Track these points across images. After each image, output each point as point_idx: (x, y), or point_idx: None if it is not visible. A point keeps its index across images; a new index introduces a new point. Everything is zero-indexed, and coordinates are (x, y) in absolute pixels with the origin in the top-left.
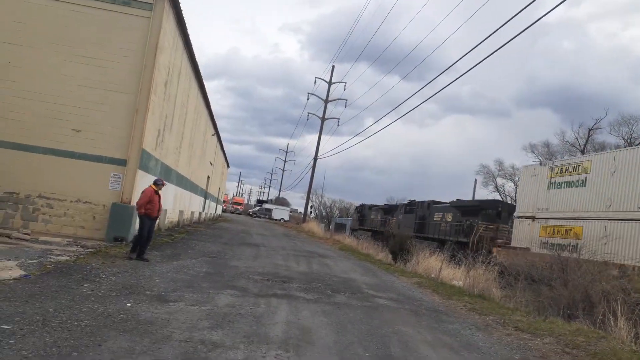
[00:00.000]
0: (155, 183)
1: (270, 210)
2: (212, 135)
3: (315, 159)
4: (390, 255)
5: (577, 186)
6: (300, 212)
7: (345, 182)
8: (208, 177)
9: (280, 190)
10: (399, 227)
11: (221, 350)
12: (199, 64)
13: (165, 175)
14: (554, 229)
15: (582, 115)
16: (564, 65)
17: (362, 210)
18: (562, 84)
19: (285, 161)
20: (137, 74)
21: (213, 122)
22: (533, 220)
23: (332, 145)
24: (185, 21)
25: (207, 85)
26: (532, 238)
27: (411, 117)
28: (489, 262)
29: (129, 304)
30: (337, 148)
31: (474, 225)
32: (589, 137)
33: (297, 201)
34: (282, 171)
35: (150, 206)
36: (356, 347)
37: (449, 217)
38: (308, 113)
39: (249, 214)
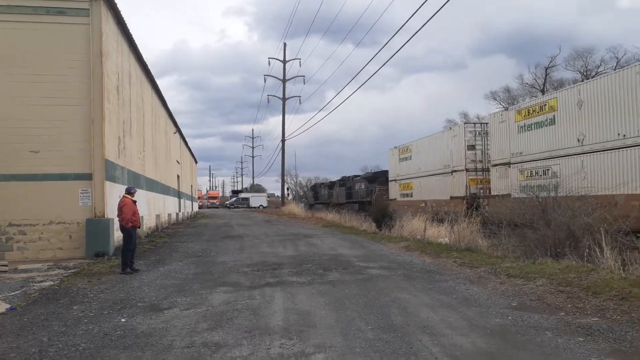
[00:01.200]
0: (128, 192)
1: (246, 199)
2: (174, 133)
3: (283, 140)
4: (374, 224)
5: (546, 125)
6: (278, 196)
7: (318, 158)
8: (178, 176)
9: (253, 178)
10: (337, 198)
11: (225, 349)
12: (147, 63)
13: (134, 181)
14: (531, 171)
15: (537, 56)
16: (515, 8)
17: (315, 188)
18: (515, 28)
19: (253, 147)
20: (86, 84)
21: (173, 120)
22: (509, 166)
23: (297, 124)
24: (126, 21)
25: (160, 83)
26: (512, 184)
27: (371, 84)
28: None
29: (123, 320)
30: (303, 126)
31: (373, 189)
32: (546, 75)
33: (272, 185)
34: (251, 158)
35: (134, 217)
36: (357, 322)
37: (362, 186)
38: (268, 95)
39: (226, 206)
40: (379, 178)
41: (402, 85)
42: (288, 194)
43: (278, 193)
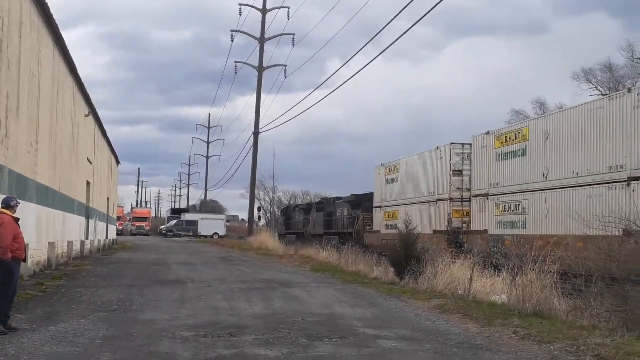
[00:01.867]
0: (7, 205)
1: (193, 223)
2: (86, 115)
3: (256, 133)
4: (391, 270)
5: (519, 156)
6: (244, 220)
7: (311, 163)
8: (88, 183)
9: (206, 190)
10: (313, 226)
11: None
12: (50, 6)
13: (18, 189)
14: (505, 206)
15: None
16: None
17: (287, 212)
18: None
19: (208, 143)
20: None
21: (85, 95)
22: (487, 198)
23: (281, 109)
24: None
25: (67, 37)
26: (488, 218)
27: (398, 50)
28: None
29: None
30: (289, 112)
31: (355, 216)
32: None
33: (236, 203)
34: (205, 159)
35: (16, 244)
36: None
37: (345, 212)
38: (235, 62)
39: (161, 233)
40: (364, 203)
41: (445, 53)
42: (259, 217)
43: (243, 215)
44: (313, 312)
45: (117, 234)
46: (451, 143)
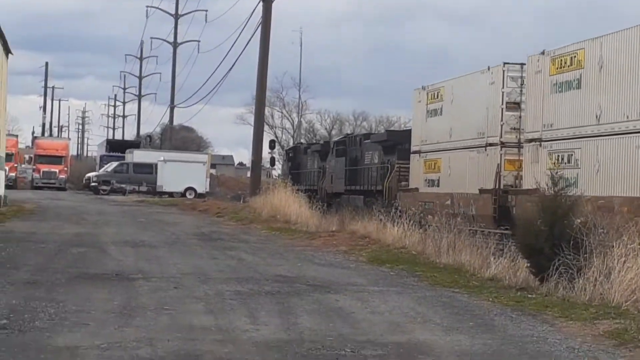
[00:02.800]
0: None
1: (149, 169)
2: None
3: None
4: (522, 264)
5: (574, 88)
6: (243, 165)
7: (370, 61)
8: None
9: (172, 106)
10: (331, 179)
11: None
12: None
13: None
14: (559, 156)
15: None
16: None
17: (295, 156)
18: None
19: (177, 15)
20: None
21: None
22: (540, 145)
23: None
24: None
25: None
26: (540, 172)
27: None
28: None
29: None
30: None
31: (388, 166)
32: None
33: (228, 133)
34: (171, 47)
35: None
36: None
37: (376, 157)
38: None
39: (88, 186)
40: (402, 144)
41: None
42: (274, 160)
43: (243, 157)
44: (373, 339)
45: (8, 187)
46: (504, 63)
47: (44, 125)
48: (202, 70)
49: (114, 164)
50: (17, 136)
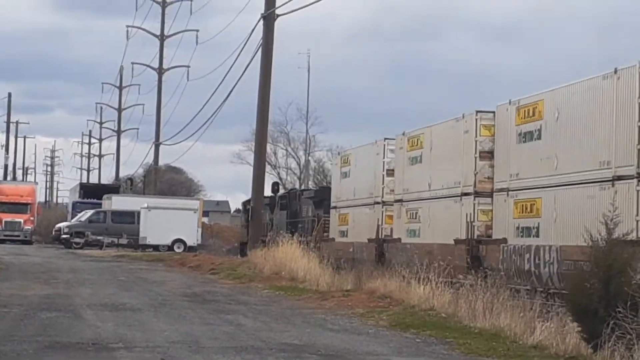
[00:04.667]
0: None
1: (130, 217)
2: None
3: (270, 15)
4: (575, 327)
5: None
6: (240, 213)
7: (391, 82)
8: None
9: (157, 144)
10: (276, 227)
11: None
12: None
13: None
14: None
15: None
16: None
17: (248, 208)
18: None
19: (162, 37)
20: None
21: None
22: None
23: None
24: None
25: None
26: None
27: None
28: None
29: None
30: None
31: (315, 219)
32: None
33: (224, 175)
34: (156, 73)
35: None
36: None
37: (310, 211)
38: None
39: (58, 239)
40: (327, 200)
41: None
42: (276, 205)
43: (239, 202)
44: None
45: None
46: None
47: (6, 167)
48: (192, 101)
49: (89, 213)
50: None
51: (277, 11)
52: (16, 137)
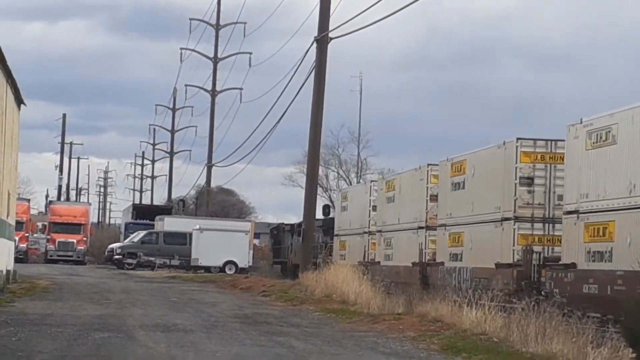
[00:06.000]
0: None
1: (182, 239)
2: None
3: (324, 37)
4: (629, 353)
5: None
6: (292, 229)
7: (443, 107)
8: None
9: (209, 166)
10: (295, 254)
11: None
12: None
13: None
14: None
15: None
16: None
17: (276, 233)
18: None
19: (216, 59)
20: None
21: None
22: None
23: None
24: None
25: None
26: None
27: None
28: None
29: None
30: None
31: (323, 244)
32: None
33: (275, 196)
34: (209, 95)
35: None
36: None
37: (320, 238)
38: None
39: (110, 259)
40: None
41: None
42: (293, 229)
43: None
44: None
45: (18, 260)
46: (518, 139)
47: (60, 187)
48: (244, 124)
49: (141, 234)
50: (29, 200)
51: (331, 34)
52: (70, 157)
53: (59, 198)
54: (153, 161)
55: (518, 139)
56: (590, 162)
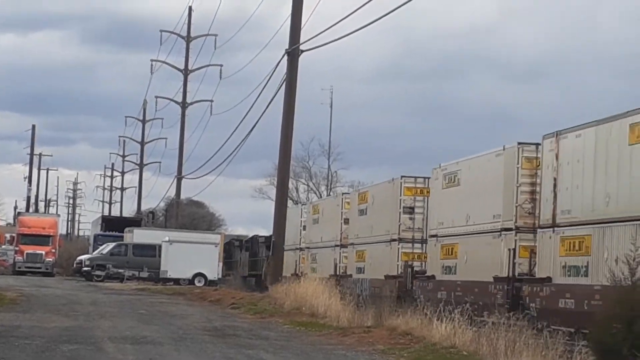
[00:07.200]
0: None
1: (151, 251)
2: None
3: (294, 50)
4: None
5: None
6: (267, 242)
7: (416, 119)
8: None
9: (179, 177)
10: (242, 267)
11: None
12: None
13: None
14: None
15: None
16: None
17: (229, 247)
18: None
19: (186, 71)
20: None
21: None
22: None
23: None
24: None
25: None
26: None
27: None
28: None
29: None
30: (365, 7)
31: (265, 258)
32: None
33: (245, 209)
34: (179, 107)
35: None
36: None
37: (263, 253)
38: None
39: (79, 271)
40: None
41: None
42: (242, 244)
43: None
44: None
45: None
46: (519, 143)
47: (28, 198)
48: (215, 136)
49: (110, 245)
50: None
51: (302, 47)
52: (39, 169)
53: (27, 209)
54: (123, 173)
55: (402, 176)
56: (444, 198)
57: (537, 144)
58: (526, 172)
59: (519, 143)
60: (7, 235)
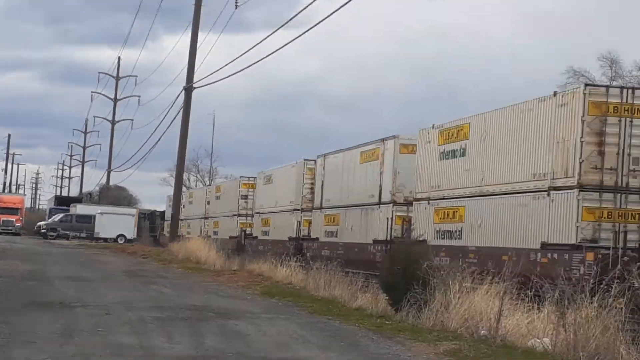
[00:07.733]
0: None
1: (89, 219)
2: None
3: (189, 87)
4: (383, 297)
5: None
6: (161, 215)
7: (268, 137)
8: None
9: (109, 170)
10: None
11: None
12: None
13: None
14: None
15: None
16: None
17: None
18: None
19: (115, 99)
20: None
21: None
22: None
23: (226, 55)
24: None
25: None
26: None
27: None
28: None
29: None
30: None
31: (159, 225)
32: None
33: (154, 192)
34: (110, 124)
35: None
36: None
37: (158, 222)
38: None
39: (39, 232)
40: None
41: None
42: (146, 216)
43: (163, 209)
44: (264, 355)
45: None
46: (305, 159)
47: (4, 184)
48: (134, 143)
49: (61, 215)
50: None
51: (195, 85)
52: (12, 164)
53: (3, 191)
54: (70, 167)
55: (241, 177)
56: (265, 190)
57: (314, 160)
58: (308, 176)
59: (305, 159)
60: None
